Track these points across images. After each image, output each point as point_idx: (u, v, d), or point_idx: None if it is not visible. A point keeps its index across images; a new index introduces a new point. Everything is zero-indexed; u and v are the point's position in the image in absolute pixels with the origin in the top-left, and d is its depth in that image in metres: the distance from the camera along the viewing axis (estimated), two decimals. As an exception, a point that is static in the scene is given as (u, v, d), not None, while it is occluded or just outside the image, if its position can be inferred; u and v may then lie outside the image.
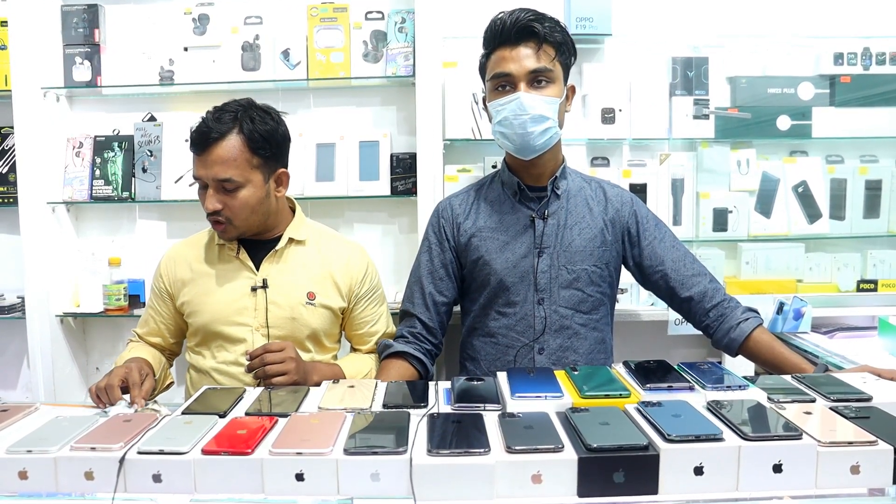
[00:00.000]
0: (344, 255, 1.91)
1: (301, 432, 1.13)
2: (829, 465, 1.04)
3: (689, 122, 2.50)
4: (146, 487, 1.06)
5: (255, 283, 1.81)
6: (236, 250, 1.84)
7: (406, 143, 2.60)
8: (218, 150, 1.70)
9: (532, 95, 1.72)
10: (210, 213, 1.75)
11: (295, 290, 1.83)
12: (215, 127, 1.71)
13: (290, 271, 1.85)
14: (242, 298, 1.81)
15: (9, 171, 2.61)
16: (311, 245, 1.90)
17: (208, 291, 1.84)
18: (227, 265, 1.85)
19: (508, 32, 1.72)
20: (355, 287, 1.91)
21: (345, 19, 2.49)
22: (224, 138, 1.70)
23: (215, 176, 1.71)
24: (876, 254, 2.58)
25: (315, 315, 1.85)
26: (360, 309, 1.93)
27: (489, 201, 1.89)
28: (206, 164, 1.71)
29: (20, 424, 1.25)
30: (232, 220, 1.75)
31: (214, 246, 1.88)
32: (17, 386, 2.80)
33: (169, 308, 1.90)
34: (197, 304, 1.84)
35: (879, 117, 2.52)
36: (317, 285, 1.86)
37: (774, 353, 1.74)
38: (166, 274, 1.90)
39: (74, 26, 2.55)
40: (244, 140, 1.72)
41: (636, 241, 1.88)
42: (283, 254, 1.86)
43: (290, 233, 1.87)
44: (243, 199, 1.73)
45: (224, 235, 1.80)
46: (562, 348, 1.82)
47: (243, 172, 1.72)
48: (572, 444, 1.06)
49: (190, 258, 1.89)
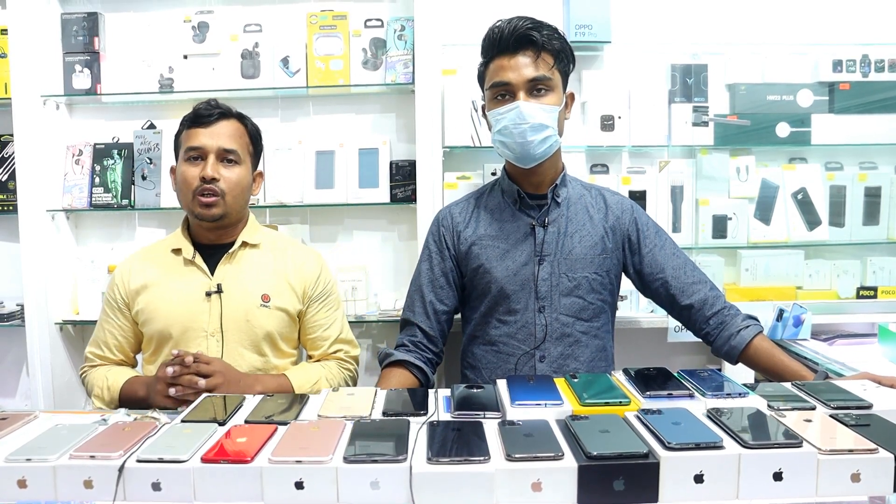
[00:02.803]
0: (298, 258, 1.94)
1: (300, 440, 1.13)
2: (829, 473, 1.04)
3: (688, 129, 2.51)
4: (145, 496, 1.06)
5: (210, 288, 1.82)
6: (192, 255, 1.85)
7: (405, 150, 2.61)
8: (225, 124, 1.84)
9: (531, 104, 1.72)
10: (205, 182, 1.77)
11: (249, 293, 1.84)
12: (221, 106, 1.85)
13: (245, 274, 1.86)
14: (197, 303, 1.82)
15: (8, 179, 2.61)
16: (265, 249, 1.92)
17: (163, 298, 1.84)
18: (181, 270, 1.86)
19: (507, 41, 1.72)
20: (309, 289, 1.92)
21: (344, 27, 2.50)
22: (228, 118, 1.85)
23: (222, 145, 1.81)
24: (875, 261, 2.58)
25: (270, 317, 1.85)
26: (313, 312, 1.94)
27: (489, 209, 1.89)
28: (212, 134, 1.81)
29: (19, 432, 1.24)
30: (226, 193, 1.80)
31: (169, 253, 1.88)
32: (17, 394, 2.79)
33: (127, 319, 1.89)
34: (151, 312, 1.83)
35: (879, 124, 2.52)
36: (271, 288, 1.87)
37: (774, 360, 1.73)
38: (121, 284, 1.88)
39: (74, 34, 2.55)
40: (244, 127, 1.89)
41: (636, 249, 1.88)
42: (237, 256, 1.87)
43: (244, 236, 1.89)
44: (239, 176, 1.84)
45: (210, 211, 1.80)
46: (563, 356, 1.82)
47: (243, 152, 1.86)
48: (572, 452, 1.06)
49: (144, 266, 1.89)
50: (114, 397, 1.79)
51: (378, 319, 2.48)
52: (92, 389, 1.85)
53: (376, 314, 2.50)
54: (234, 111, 1.88)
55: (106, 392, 1.80)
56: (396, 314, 2.10)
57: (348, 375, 1.96)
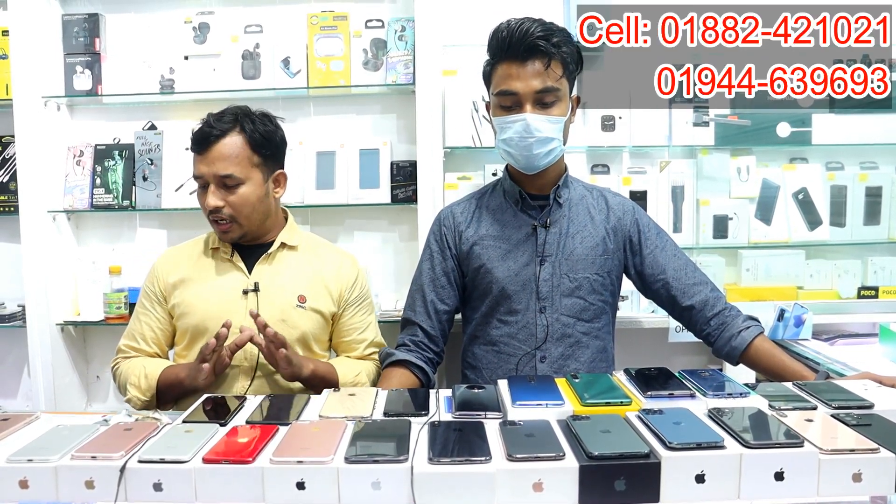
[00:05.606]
0: (335, 262, 1.94)
1: (302, 440, 1.13)
2: (830, 473, 1.04)
3: (688, 129, 2.50)
4: (147, 496, 1.06)
5: (247, 287, 1.83)
6: (230, 253, 1.86)
7: (406, 150, 2.61)
8: (220, 148, 1.76)
9: (538, 117, 1.70)
10: (211, 211, 1.78)
11: (286, 293, 1.85)
12: (217, 125, 1.78)
13: (282, 274, 1.87)
14: (234, 301, 1.83)
15: (9, 180, 2.61)
16: (303, 251, 1.93)
17: (200, 293, 1.85)
18: (219, 267, 1.88)
19: (516, 48, 1.67)
20: (345, 293, 1.93)
21: (345, 27, 2.50)
22: (226, 136, 1.78)
23: (217, 172, 1.76)
24: (876, 260, 2.58)
25: (305, 318, 1.86)
26: (348, 315, 1.95)
27: (491, 210, 1.89)
28: (207, 161, 1.77)
29: (21, 433, 1.24)
30: (236, 217, 1.79)
31: (209, 250, 1.91)
32: (18, 394, 2.79)
33: (164, 311, 1.90)
34: (188, 306, 1.85)
35: (879, 124, 2.52)
36: (308, 289, 1.88)
37: (775, 361, 1.73)
38: (161, 276, 1.90)
39: (75, 35, 2.55)
40: (245, 138, 1.79)
41: (638, 250, 1.88)
42: (275, 257, 1.89)
43: (282, 237, 1.90)
44: (244, 196, 1.79)
45: (227, 236, 1.82)
46: (563, 357, 1.81)
47: (244, 169, 1.78)
48: (573, 452, 1.06)
49: (183, 261, 1.91)
50: (151, 385, 1.78)
51: (379, 320, 2.47)
52: (128, 378, 1.82)
53: (377, 314, 2.49)
54: (237, 120, 1.80)
55: (143, 380, 1.79)
56: (397, 314, 2.10)
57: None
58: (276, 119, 1.89)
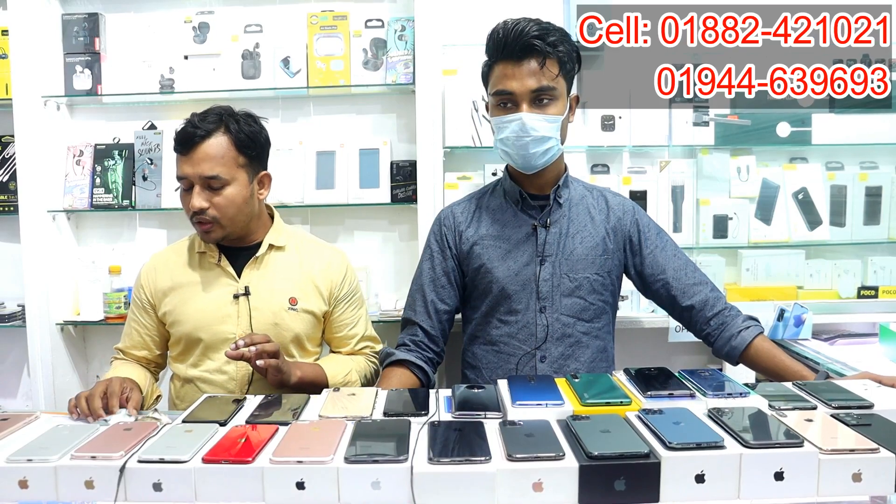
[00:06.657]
0: (324, 259, 1.93)
1: (302, 440, 1.13)
2: (830, 473, 1.04)
3: (688, 129, 2.50)
4: (147, 496, 1.06)
5: (237, 291, 1.82)
6: (217, 258, 1.85)
7: (406, 150, 2.61)
8: (205, 148, 1.73)
9: (534, 116, 1.70)
10: (195, 212, 1.75)
11: (277, 296, 1.84)
12: (202, 126, 1.74)
13: (272, 277, 1.86)
14: (225, 306, 1.82)
15: (9, 180, 2.61)
16: (290, 250, 1.92)
17: (190, 300, 1.84)
18: (208, 273, 1.86)
19: (512, 47, 1.68)
20: (335, 290, 1.92)
21: (345, 27, 2.50)
22: (211, 136, 1.74)
23: (202, 173, 1.73)
24: (876, 260, 2.58)
25: (298, 320, 1.86)
26: (339, 311, 1.95)
27: (491, 209, 1.89)
28: (192, 161, 1.73)
29: (20, 433, 1.25)
30: (219, 219, 1.76)
31: (195, 254, 1.88)
32: (18, 394, 2.79)
33: (152, 318, 1.89)
34: (179, 314, 1.84)
35: (879, 124, 2.52)
36: (298, 290, 1.87)
37: (775, 361, 1.73)
38: (147, 284, 1.89)
39: (75, 35, 2.55)
40: (231, 139, 1.76)
41: (637, 250, 1.88)
42: (263, 260, 1.87)
43: (269, 239, 1.88)
44: (229, 197, 1.76)
45: (209, 237, 1.80)
46: (563, 356, 1.81)
47: (230, 170, 1.75)
48: (573, 452, 1.06)
49: (171, 267, 1.89)
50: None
51: (379, 320, 2.48)
52: None
53: (377, 314, 2.50)
54: (221, 120, 1.76)
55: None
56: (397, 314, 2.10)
57: (373, 369, 1.98)
58: (260, 119, 1.86)
